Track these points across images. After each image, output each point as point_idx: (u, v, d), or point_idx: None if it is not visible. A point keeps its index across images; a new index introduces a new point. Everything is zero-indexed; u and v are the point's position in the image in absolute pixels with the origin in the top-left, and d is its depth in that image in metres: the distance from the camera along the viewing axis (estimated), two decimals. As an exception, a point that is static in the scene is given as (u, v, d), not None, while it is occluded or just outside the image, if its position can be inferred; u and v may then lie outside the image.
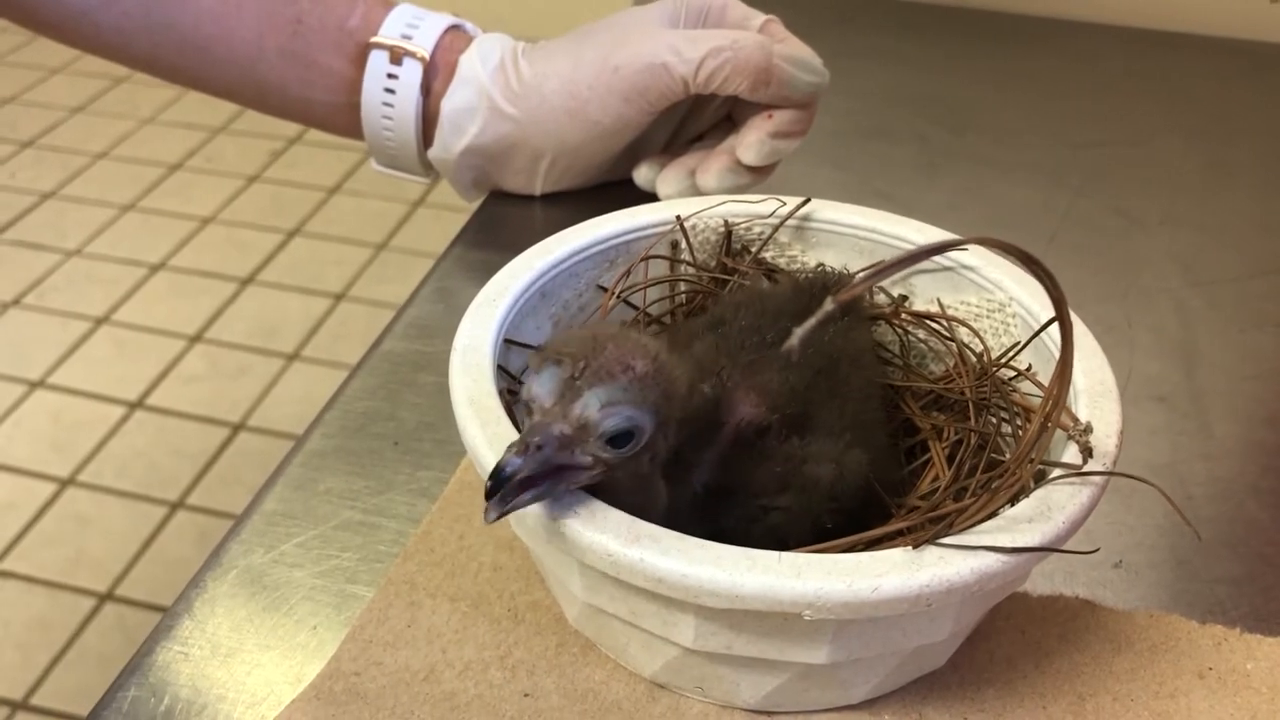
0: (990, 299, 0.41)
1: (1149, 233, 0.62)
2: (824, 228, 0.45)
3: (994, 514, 0.32)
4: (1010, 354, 0.40)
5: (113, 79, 2.18)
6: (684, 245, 0.45)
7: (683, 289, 0.46)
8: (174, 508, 1.35)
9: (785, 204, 0.45)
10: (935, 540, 0.30)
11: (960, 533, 0.31)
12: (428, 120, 0.58)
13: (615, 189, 0.60)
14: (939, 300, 0.43)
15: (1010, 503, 0.32)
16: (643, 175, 0.59)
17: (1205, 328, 0.55)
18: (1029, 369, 0.39)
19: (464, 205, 0.62)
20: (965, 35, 0.86)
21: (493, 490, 0.29)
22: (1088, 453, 0.33)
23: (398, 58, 0.56)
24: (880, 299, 0.45)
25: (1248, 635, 0.38)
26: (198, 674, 0.37)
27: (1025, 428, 0.36)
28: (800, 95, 0.54)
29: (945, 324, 0.42)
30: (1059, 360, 0.31)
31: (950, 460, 0.38)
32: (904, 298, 0.44)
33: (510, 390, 0.39)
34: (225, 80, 0.58)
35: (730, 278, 0.45)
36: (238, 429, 1.45)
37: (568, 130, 0.56)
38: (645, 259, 0.44)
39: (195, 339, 1.60)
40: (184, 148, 2.01)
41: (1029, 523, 0.31)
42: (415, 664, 0.36)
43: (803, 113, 0.55)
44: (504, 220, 0.60)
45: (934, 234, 0.44)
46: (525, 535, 0.35)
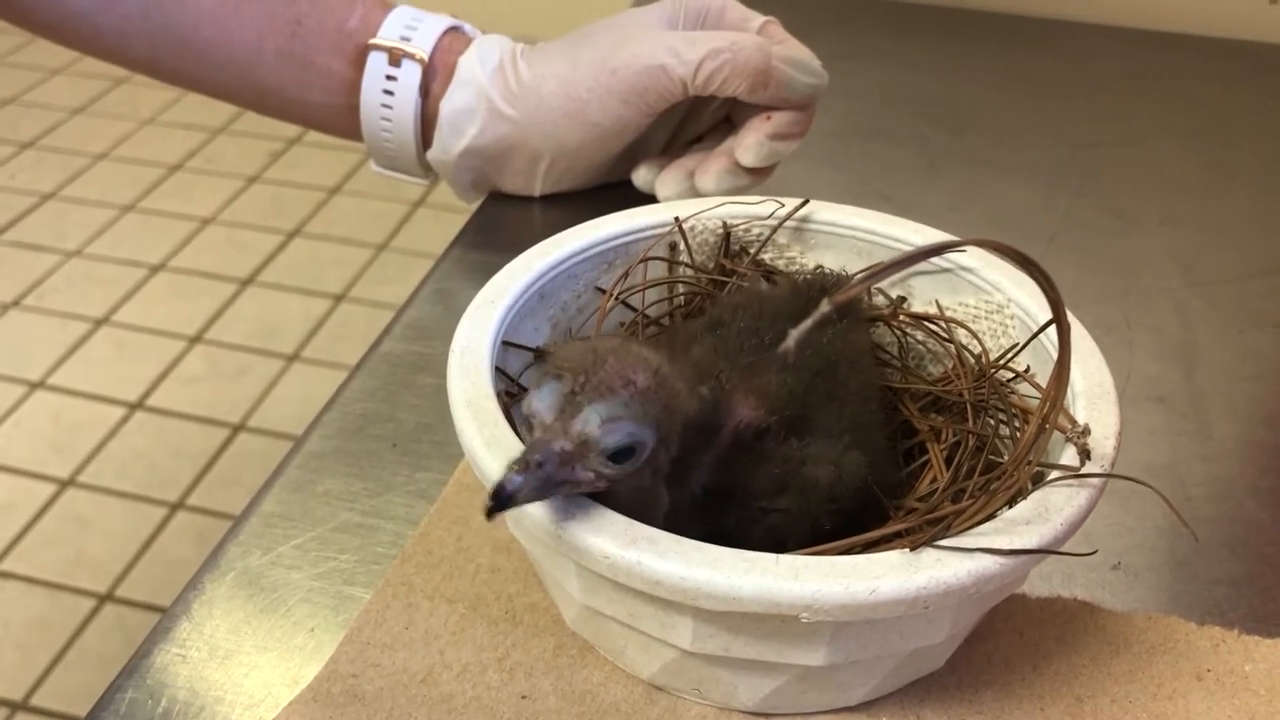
0: (989, 300, 0.41)
1: (1148, 233, 0.62)
2: (822, 229, 0.45)
3: (992, 516, 0.32)
4: (1008, 356, 0.40)
5: (113, 80, 2.18)
6: (682, 247, 0.45)
7: (681, 290, 0.46)
8: (174, 508, 1.35)
9: (784, 205, 0.45)
10: (933, 542, 0.30)
11: (958, 535, 0.31)
12: (426, 122, 0.58)
13: (614, 190, 0.60)
14: (937, 302, 0.43)
15: (1008, 505, 0.32)
16: (641, 177, 0.59)
17: (1204, 328, 0.55)
18: (1027, 370, 0.39)
19: (463, 206, 0.62)
20: (965, 36, 0.86)
21: (494, 509, 0.29)
22: (1086, 454, 0.33)
23: (396, 59, 0.56)
24: (879, 300, 0.45)
25: (1246, 637, 0.38)
26: (195, 676, 0.37)
27: (1023, 429, 0.36)
28: (799, 97, 0.54)
29: (943, 325, 0.42)
30: (1056, 362, 0.31)
31: (948, 462, 0.38)
32: (902, 299, 0.44)
33: (508, 392, 0.39)
34: (224, 82, 0.58)
35: (729, 279, 0.45)
36: (238, 430, 1.45)
37: (566, 132, 0.56)
38: (644, 260, 0.44)
39: (195, 340, 1.60)
40: (184, 149, 2.01)
41: (1027, 525, 0.31)
42: (413, 666, 0.36)
43: (801, 114, 0.55)
44: (503, 221, 0.60)
45: (932, 235, 0.43)
46: (523, 537, 0.35)
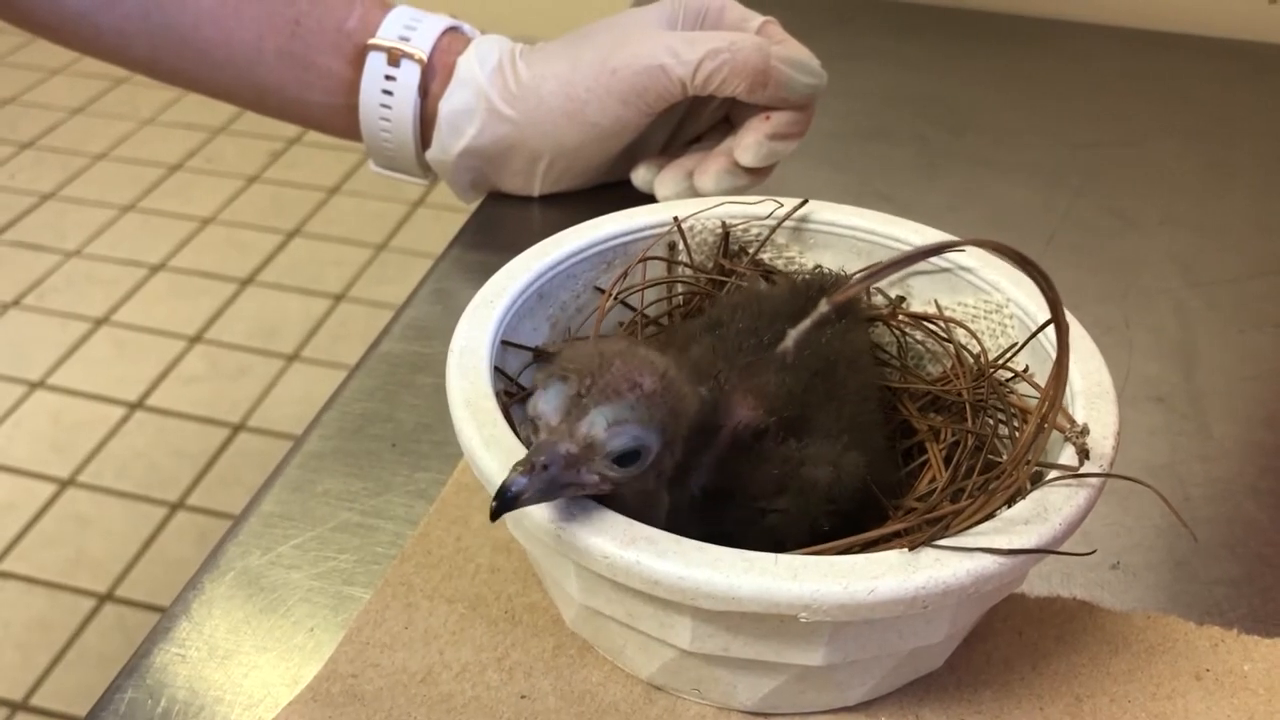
0: (988, 300, 0.41)
1: (1148, 233, 0.62)
2: (821, 229, 0.45)
3: (990, 516, 0.32)
4: (1007, 355, 0.40)
5: (112, 80, 2.18)
6: (681, 247, 0.45)
7: (680, 290, 0.46)
8: (174, 508, 1.35)
9: (783, 205, 0.45)
10: (931, 542, 0.30)
11: (957, 534, 0.31)
12: (425, 122, 0.58)
13: (613, 190, 0.60)
14: (936, 302, 0.43)
15: (1007, 504, 0.32)
16: (641, 177, 0.59)
17: (1204, 328, 0.55)
18: (1026, 370, 0.39)
19: (463, 206, 0.62)
20: (965, 36, 0.86)
21: (498, 511, 0.29)
22: (1084, 454, 0.33)
23: (395, 59, 0.56)
24: (878, 300, 0.45)
25: (1245, 636, 0.38)
26: (195, 676, 0.37)
27: (1022, 429, 0.36)
28: (798, 97, 0.54)
29: (943, 325, 0.42)
30: (1055, 362, 0.31)
31: (947, 462, 0.38)
32: (901, 299, 0.44)
33: (507, 391, 0.39)
34: (224, 82, 0.58)
35: (727, 279, 0.45)
36: (238, 429, 1.45)
37: (566, 132, 0.56)
38: (643, 260, 0.44)
39: (195, 340, 1.60)
40: (184, 148, 2.01)
41: (1025, 524, 0.31)
42: (412, 666, 0.36)
43: (801, 114, 0.55)
44: (502, 221, 0.60)
45: (931, 235, 0.43)
46: (522, 537, 0.35)
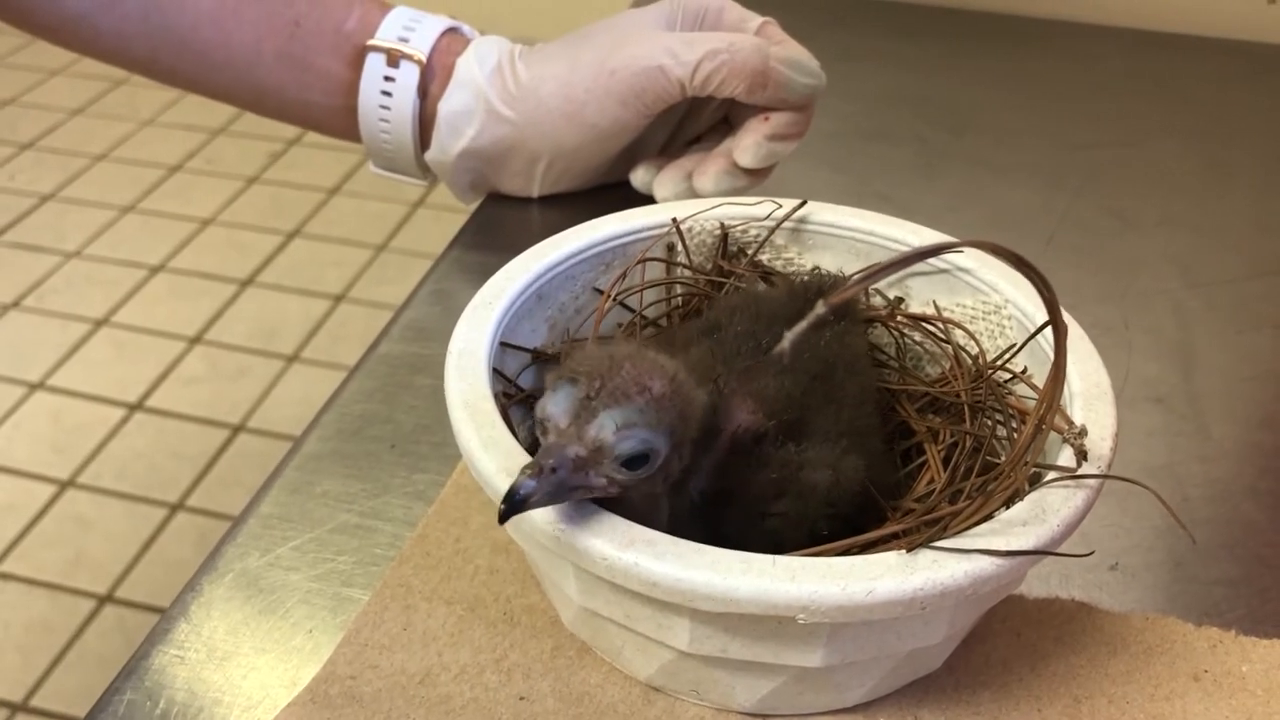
0: (986, 301, 0.41)
1: (1147, 234, 0.62)
2: (820, 230, 0.45)
3: (989, 517, 0.32)
4: (1005, 356, 0.40)
5: (112, 81, 2.18)
6: (680, 248, 0.45)
7: (679, 292, 0.46)
8: (174, 509, 1.35)
9: (781, 206, 0.45)
10: (930, 543, 0.30)
11: (955, 536, 0.31)
12: (425, 123, 0.58)
13: (612, 191, 0.60)
14: (935, 303, 0.43)
15: (1005, 506, 0.32)
16: (640, 178, 0.59)
17: (1203, 329, 0.55)
18: (1025, 371, 0.39)
19: (462, 207, 0.62)
20: (964, 36, 0.86)
21: (506, 513, 0.29)
22: (1082, 455, 0.33)
23: (394, 60, 0.56)
24: (876, 301, 0.45)
25: (1243, 637, 0.38)
26: (193, 677, 0.37)
27: (1021, 430, 0.36)
28: (797, 97, 0.54)
29: (941, 326, 0.42)
30: (1052, 363, 0.31)
31: (945, 463, 0.38)
32: (900, 300, 0.44)
33: (506, 393, 0.39)
34: (223, 83, 0.58)
35: (726, 280, 0.45)
36: (237, 430, 1.45)
37: (565, 133, 0.56)
38: (641, 261, 0.44)
39: (195, 341, 1.60)
40: (183, 149, 2.01)
41: (1024, 526, 0.31)
42: (411, 667, 0.36)
43: (800, 115, 0.55)
44: (501, 222, 0.60)
45: (930, 236, 0.44)
46: (521, 539, 0.35)
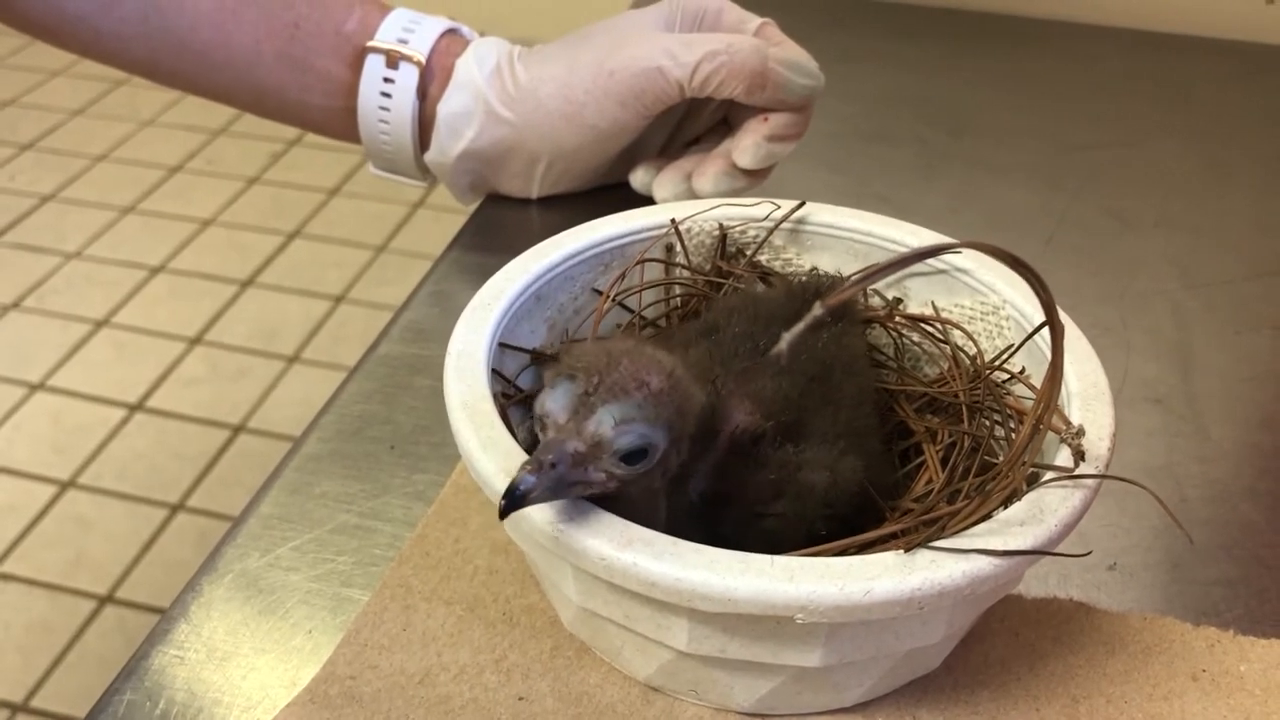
0: (984, 302, 0.41)
1: (1145, 235, 0.62)
2: (819, 231, 0.45)
3: (987, 517, 0.32)
4: (1003, 357, 0.40)
5: (113, 82, 2.18)
6: (679, 249, 0.45)
7: (678, 292, 0.46)
8: (174, 510, 1.35)
9: (780, 207, 0.45)
10: (928, 543, 0.30)
11: (953, 536, 0.31)
12: (424, 124, 0.58)
13: (611, 192, 0.60)
14: (933, 303, 0.43)
15: (1003, 506, 0.32)
16: (639, 178, 0.59)
17: (1201, 330, 0.55)
18: (1022, 372, 0.39)
19: (462, 208, 0.62)
20: (963, 37, 0.86)
21: (506, 510, 0.29)
22: (1080, 456, 0.33)
23: (394, 62, 0.56)
24: (875, 302, 0.45)
25: (1241, 637, 0.38)
26: (193, 678, 0.37)
27: (1018, 430, 0.36)
28: (796, 98, 0.54)
29: (939, 327, 0.43)
30: (1050, 363, 0.32)
31: (944, 463, 0.38)
32: (898, 301, 0.44)
33: (505, 394, 0.39)
34: (223, 84, 0.58)
35: (725, 281, 0.45)
36: (238, 431, 1.45)
37: (564, 134, 0.56)
38: (640, 262, 0.44)
39: (195, 341, 1.60)
40: (184, 150, 2.01)
41: (1021, 526, 0.31)
42: (410, 667, 0.36)
43: (798, 116, 0.55)
44: (501, 223, 0.60)
45: (928, 237, 0.44)
46: (520, 539, 0.35)
